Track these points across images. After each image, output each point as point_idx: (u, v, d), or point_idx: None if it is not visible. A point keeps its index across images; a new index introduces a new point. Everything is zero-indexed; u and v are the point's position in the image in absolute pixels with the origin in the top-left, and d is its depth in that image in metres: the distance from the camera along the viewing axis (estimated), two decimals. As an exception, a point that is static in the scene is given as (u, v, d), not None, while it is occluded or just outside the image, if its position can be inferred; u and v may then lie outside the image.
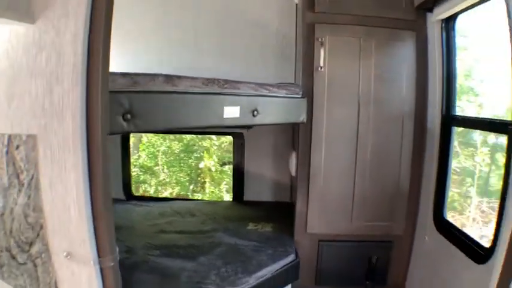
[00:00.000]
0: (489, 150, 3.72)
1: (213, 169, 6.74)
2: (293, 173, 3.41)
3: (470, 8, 2.61)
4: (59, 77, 1.43)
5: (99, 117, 1.46)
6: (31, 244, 1.62)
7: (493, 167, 3.74)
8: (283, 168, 4.04)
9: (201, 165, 6.70)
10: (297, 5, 3.57)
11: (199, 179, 6.80)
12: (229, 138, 5.05)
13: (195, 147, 7.10)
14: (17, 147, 1.51)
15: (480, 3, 2.48)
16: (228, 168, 6.54)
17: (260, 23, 3.77)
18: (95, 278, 1.58)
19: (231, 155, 4.43)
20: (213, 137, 6.59)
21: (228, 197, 6.60)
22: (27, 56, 1.48)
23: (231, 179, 4.45)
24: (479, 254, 2.37)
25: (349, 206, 3.19)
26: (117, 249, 1.65)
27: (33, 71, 1.47)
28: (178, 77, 1.99)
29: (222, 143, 6.78)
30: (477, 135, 3.53)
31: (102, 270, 1.58)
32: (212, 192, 6.80)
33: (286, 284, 2.98)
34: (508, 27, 2.08)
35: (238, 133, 4.06)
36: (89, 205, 1.50)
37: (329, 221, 3.21)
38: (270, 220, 3.53)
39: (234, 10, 3.76)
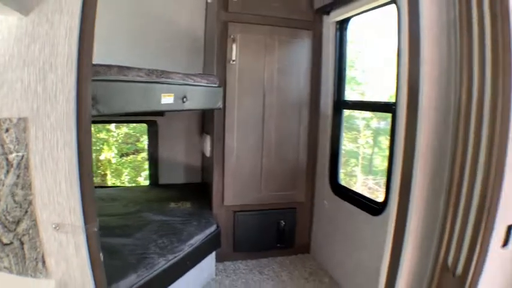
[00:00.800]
0: (372, 133, 4.18)
1: (114, 161, 6.70)
2: (208, 154, 3.75)
3: (363, 13, 3.17)
4: (53, 66, 1.60)
5: (88, 101, 1.69)
6: (18, 222, 1.73)
7: (376, 149, 4.23)
8: (194, 151, 4.37)
9: (102, 157, 6.62)
10: (207, 3, 3.89)
11: (99, 171, 6.69)
12: (124, 130, 5.14)
13: (93, 140, 6.85)
14: (7, 130, 1.66)
15: (371, 10, 3.04)
16: (128, 159, 6.55)
17: (172, 20, 4.02)
18: (83, 245, 1.75)
19: (129, 146, 4.59)
20: (112, 128, 6.55)
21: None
22: (19, 46, 1.61)
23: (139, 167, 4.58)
24: (374, 208, 2.98)
25: (258, 179, 3.66)
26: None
27: (25, 60, 1.61)
28: (128, 68, 2.24)
29: (119, 134, 6.76)
30: (360, 120, 3.96)
31: (87, 236, 1.76)
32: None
33: (211, 252, 3.32)
34: (397, 29, 2.55)
35: (152, 120, 4.26)
36: (78, 178, 1.73)
37: (242, 194, 3.64)
38: (187, 199, 3.83)
39: (148, 8, 3.96)
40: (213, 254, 3.40)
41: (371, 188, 4.17)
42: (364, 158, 4.11)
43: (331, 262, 3.61)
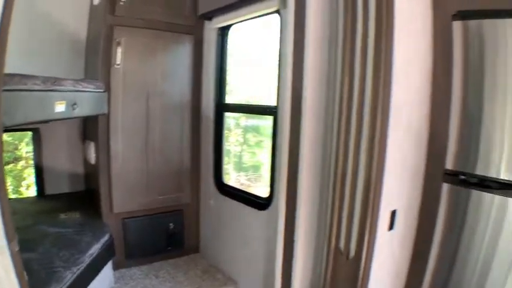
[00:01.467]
0: (242, 132, 4.33)
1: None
2: (92, 161, 3.62)
3: (243, 21, 3.33)
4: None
5: (1, 112, 1.56)
6: None
7: (245, 146, 4.38)
8: (76, 159, 4.17)
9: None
10: (92, 5, 3.75)
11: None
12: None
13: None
14: None
15: (252, 19, 3.21)
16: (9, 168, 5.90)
17: (55, 20, 3.77)
18: (10, 265, 1.60)
19: (9, 154, 4.26)
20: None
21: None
22: None
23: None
24: (260, 203, 3.17)
25: (144, 184, 3.64)
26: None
27: None
28: (27, 76, 2.11)
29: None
30: (230, 119, 4.05)
31: (12, 256, 1.59)
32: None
33: (109, 260, 3.25)
34: (280, 38, 2.83)
35: (35, 128, 3.98)
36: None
37: (130, 199, 3.59)
38: (76, 208, 3.66)
39: (31, 10, 3.64)
40: (110, 262, 3.32)
41: (243, 183, 4.31)
42: (235, 155, 4.24)
43: (222, 259, 3.74)
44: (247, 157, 4.43)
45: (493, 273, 2.12)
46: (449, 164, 2.18)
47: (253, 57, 3.83)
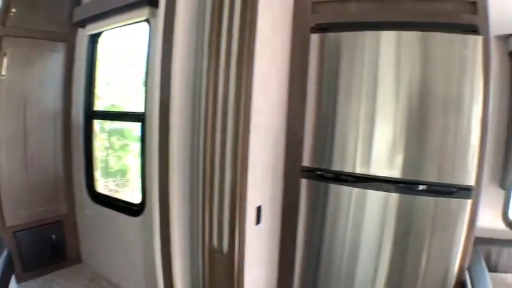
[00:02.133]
0: (107, 136, 4.25)
1: None
2: None
3: (113, 29, 3.36)
4: None
5: None
6: None
7: (111, 151, 4.30)
8: None
9: None
10: None
11: None
12: None
13: None
14: None
15: (122, 27, 3.26)
16: None
17: None
18: None
19: None
20: None
21: None
22: None
23: None
24: (133, 210, 3.22)
25: (27, 196, 3.53)
26: None
27: None
28: None
29: None
30: (96, 123, 3.98)
31: None
32: None
33: (12, 275, 3.05)
34: (148, 45, 2.92)
35: None
36: None
37: (17, 212, 3.48)
38: None
39: None
40: (13, 277, 3.11)
41: (112, 189, 4.28)
42: (102, 160, 4.17)
43: (106, 266, 3.71)
44: (113, 162, 4.37)
45: (361, 254, 2.47)
46: (306, 162, 2.44)
47: (123, 64, 3.82)
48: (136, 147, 3.46)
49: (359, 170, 2.39)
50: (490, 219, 3.10)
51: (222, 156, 2.08)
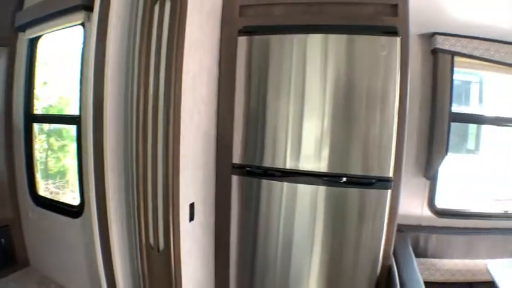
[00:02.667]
0: (46, 137, 4.19)
1: None
2: None
3: (51, 33, 3.38)
4: None
5: None
6: None
7: (50, 152, 4.24)
8: None
9: None
10: None
11: None
12: None
13: None
14: None
15: (60, 30, 3.26)
16: None
17: None
18: None
19: None
20: None
21: None
22: None
23: None
24: (73, 211, 3.24)
25: None
26: None
27: None
28: None
29: None
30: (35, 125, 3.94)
31: None
32: None
33: None
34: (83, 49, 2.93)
35: None
36: None
37: None
38: None
39: None
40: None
41: (53, 192, 4.21)
42: (41, 162, 4.12)
43: (52, 269, 3.70)
44: (53, 163, 4.32)
45: (295, 245, 2.61)
46: (237, 159, 2.55)
47: (61, 67, 3.81)
48: (74, 148, 3.44)
49: (289, 165, 2.51)
50: (417, 208, 3.36)
51: (154, 156, 2.14)
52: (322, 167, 2.46)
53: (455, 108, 3.30)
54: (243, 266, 2.77)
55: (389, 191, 2.42)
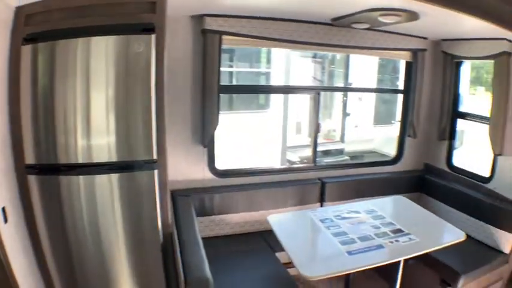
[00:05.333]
0: None
1: None
2: None
3: None
4: None
5: None
6: None
7: None
8: None
9: None
10: None
11: None
12: None
13: None
14: None
15: None
16: None
17: None
18: None
19: None
20: None
21: None
22: None
23: None
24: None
25: None
26: None
27: None
28: None
29: None
30: None
31: None
32: None
33: None
34: None
35: None
36: None
37: None
38: None
39: None
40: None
41: None
42: None
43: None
44: None
45: (102, 231, 2.86)
46: (30, 159, 2.68)
47: None
48: None
49: (81, 160, 2.73)
50: (199, 173, 4.01)
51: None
52: (102, 157, 2.75)
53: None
54: (61, 264, 2.92)
55: (156, 171, 2.78)
